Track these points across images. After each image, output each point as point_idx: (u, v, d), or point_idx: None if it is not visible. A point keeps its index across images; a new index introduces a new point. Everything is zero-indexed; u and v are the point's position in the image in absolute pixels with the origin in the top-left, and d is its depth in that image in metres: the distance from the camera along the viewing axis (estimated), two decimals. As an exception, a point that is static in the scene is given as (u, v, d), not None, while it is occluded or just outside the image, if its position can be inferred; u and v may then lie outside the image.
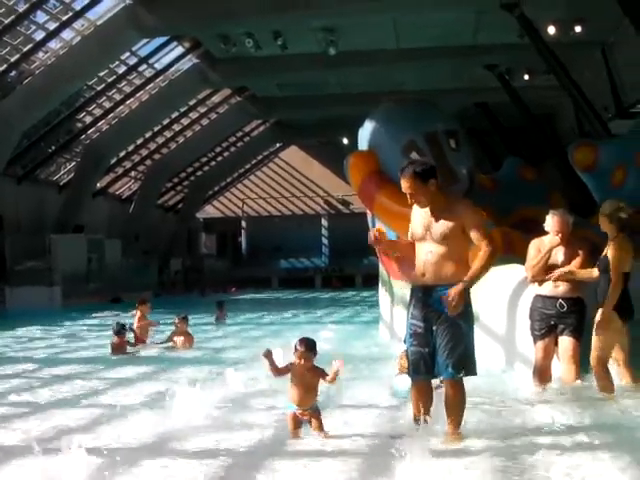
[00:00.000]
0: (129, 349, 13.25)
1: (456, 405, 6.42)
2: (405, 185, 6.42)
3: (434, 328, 6.36)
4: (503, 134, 33.69)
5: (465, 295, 6.27)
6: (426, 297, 6.41)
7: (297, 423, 6.67)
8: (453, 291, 6.18)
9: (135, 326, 14.19)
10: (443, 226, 6.36)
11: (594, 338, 8.13)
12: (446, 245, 6.35)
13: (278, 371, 6.80)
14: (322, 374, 6.67)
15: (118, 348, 12.99)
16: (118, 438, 6.67)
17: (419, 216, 6.53)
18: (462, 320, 6.29)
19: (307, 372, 6.65)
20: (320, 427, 6.62)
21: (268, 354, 6.77)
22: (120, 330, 13.18)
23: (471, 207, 6.49)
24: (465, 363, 6.34)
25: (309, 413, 6.64)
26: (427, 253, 6.41)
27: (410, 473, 4.91)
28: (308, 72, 30.06)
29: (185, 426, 6.99)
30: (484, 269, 6.27)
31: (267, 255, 49.04)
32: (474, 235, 6.31)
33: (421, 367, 6.46)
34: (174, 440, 6.60)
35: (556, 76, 23.01)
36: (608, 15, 22.02)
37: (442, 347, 6.31)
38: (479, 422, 6.99)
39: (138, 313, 14.46)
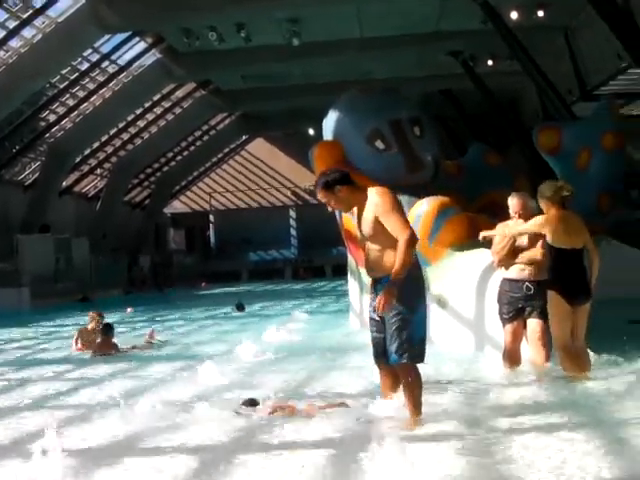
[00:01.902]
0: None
1: (407, 390, 6.43)
2: (319, 197, 6.67)
3: (384, 316, 6.42)
4: (468, 120, 33.82)
5: (399, 285, 6.21)
6: (376, 288, 6.53)
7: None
8: (384, 294, 6.19)
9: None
10: (366, 224, 6.42)
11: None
12: (377, 241, 6.40)
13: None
14: None
15: (103, 347, 12.82)
16: (88, 439, 6.59)
17: (354, 219, 6.66)
18: (403, 307, 6.29)
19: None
20: None
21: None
22: (108, 330, 13.03)
23: (380, 194, 6.39)
24: (407, 349, 6.33)
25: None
26: (368, 251, 6.53)
27: (380, 459, 4.90)
28: (272, 64, 29.92)
29: (156, 424, 6.94)
30: (406, 262, 6.20)
31: (236, 248, 48.95)
32: (387, 226, 6.29)
33: (378, 351, 6.64)
34: (145, 438, 6.55)
35: (519, 61, 23.13)
36: (570, -1, 22.15)
37: (388, 334, 6.40)
38: (450, 406, 7.04)
39: (91, 325, 13.54)
